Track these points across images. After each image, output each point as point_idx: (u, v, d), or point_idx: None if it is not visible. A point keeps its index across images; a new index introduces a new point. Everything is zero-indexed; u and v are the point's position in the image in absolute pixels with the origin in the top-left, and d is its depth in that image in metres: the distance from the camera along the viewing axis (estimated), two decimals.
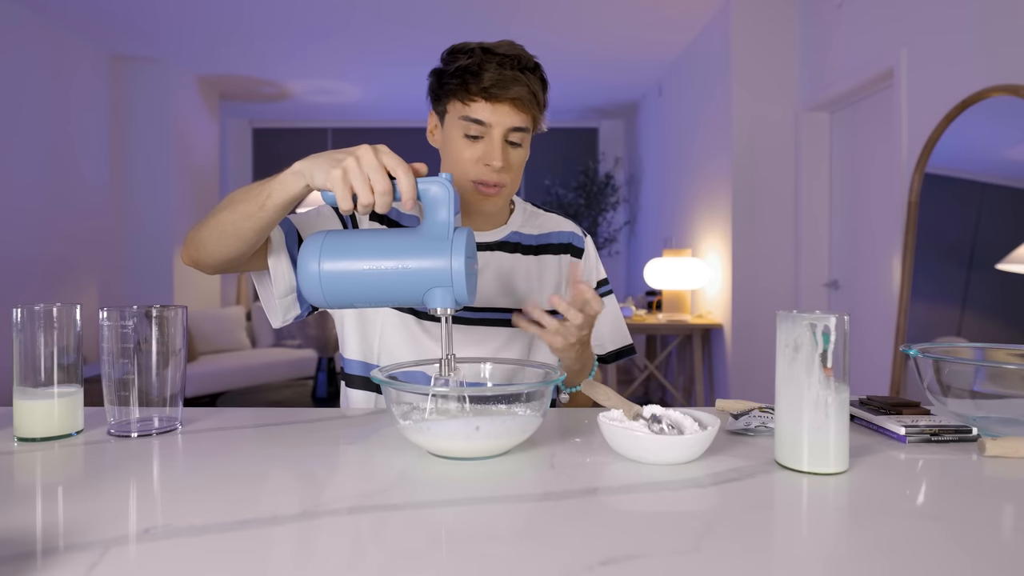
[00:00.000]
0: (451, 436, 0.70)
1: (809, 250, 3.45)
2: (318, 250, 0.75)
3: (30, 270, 3.90)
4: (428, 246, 0.74)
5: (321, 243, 0.76)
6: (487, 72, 0.94)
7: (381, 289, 0.75)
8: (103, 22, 4.09)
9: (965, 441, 0.77)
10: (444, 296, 0.75)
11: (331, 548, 0.48)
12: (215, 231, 0.86)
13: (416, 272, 0.74)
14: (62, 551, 0.48)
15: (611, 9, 3.81)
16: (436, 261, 0.74)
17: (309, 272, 0.75)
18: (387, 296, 0.76)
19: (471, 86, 0.94)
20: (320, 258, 0.75)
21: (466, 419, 0.73)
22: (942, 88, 2.31)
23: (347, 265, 0.75)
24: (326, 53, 4.61)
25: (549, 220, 1.15)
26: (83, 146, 4.36)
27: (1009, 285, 2.02)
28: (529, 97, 0.96)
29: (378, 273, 0.74)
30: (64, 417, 0.77)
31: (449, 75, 0.96)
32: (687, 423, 0.74)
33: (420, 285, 0.74)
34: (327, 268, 0.74)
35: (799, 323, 0.66)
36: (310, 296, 0.76)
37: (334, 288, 0.75)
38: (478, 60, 0.94)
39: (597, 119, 6.49)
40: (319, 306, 0.78)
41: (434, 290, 0.74)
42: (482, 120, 0.95)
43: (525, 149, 1.01)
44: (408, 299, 0.77)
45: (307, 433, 0.82)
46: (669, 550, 0.48)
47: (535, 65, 0.99)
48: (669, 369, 4.75)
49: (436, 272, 0.74)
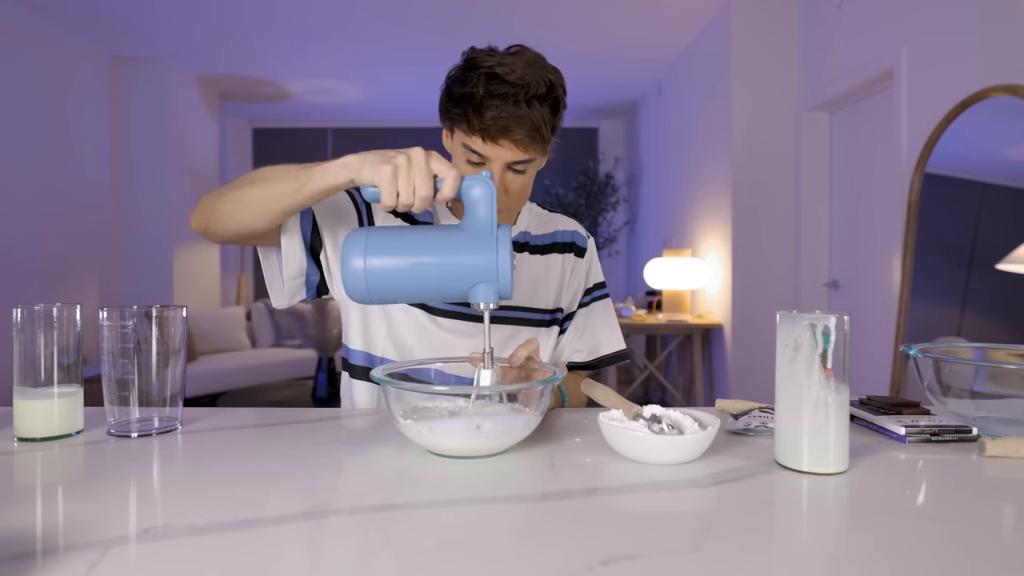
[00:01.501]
0: (452, 434, 0.70)
1: (809, 250, 3.45)
2: (363, 247, 0.75)
3: (30, 269, 3.90)
4: (473, 243, 0.75)
5: (366, 240, 0.76)
6: (489, 111, 0.89)
7: (426, 285, 0.76)
8: (103, 22, 4.08)
9: (965, 441, 0.77)
10: (488, 291, 0.75)
11: (331, 548, 0.48)
12: (239, 204, 0.85)
13: (462, 268, 0.75)
14: (62, 551, 0.48)
15: (611, 9, 3.81)
16: (482, 257, 0.75)
17: (354, 269, 0.75)
18: (431, 292, 0.77)
19: (472, 121, 0.91)
20: (366, 255, 0.75)
21: (467, 418, 0.73)
22: (942, 88, 2.31)
23: (393, 262, 0.75)
24: (326, 53, 4.61)
25: (555, 220, 1.15)
26: (83, 146, 4.36)
27: (1009, 285, 2.02)
28: (531, 136, 0.92)
29: (423, 269, 0.75)
30: (64, 417, 0.77)
31: (453, 102, 0.93)
32: (687, 423, 0.74)
33: (465, 280, 0.75)
34: (373, 264, 0.75)
35: (799, 323, 0.66)
36: (354, 293, 0.76)
37: (380, 284, 0.76)
38: (482, 92, 0.90)
39: (597, 119, 6.49)
40: (361, 302, 0.78)
41: (478, 285, 0.75)
42: (481, 154, 0.93)
43: (528, 175, 0.98)
44: (452, 294, 0.77)
45: (307, 433, 0.82)
46: (669, 550, 0.48)
47: (548, 90, 0.93)
48: (669, 369, 4.75)
49: (482, 268, 0.75)
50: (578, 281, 1.14)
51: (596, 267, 1.18)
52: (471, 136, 0.93)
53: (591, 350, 1.14)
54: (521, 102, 0.90)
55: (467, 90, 0.91)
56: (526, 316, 1.08)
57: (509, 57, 0.93)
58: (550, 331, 1.11)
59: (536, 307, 1.08)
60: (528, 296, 1.07)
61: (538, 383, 0.74)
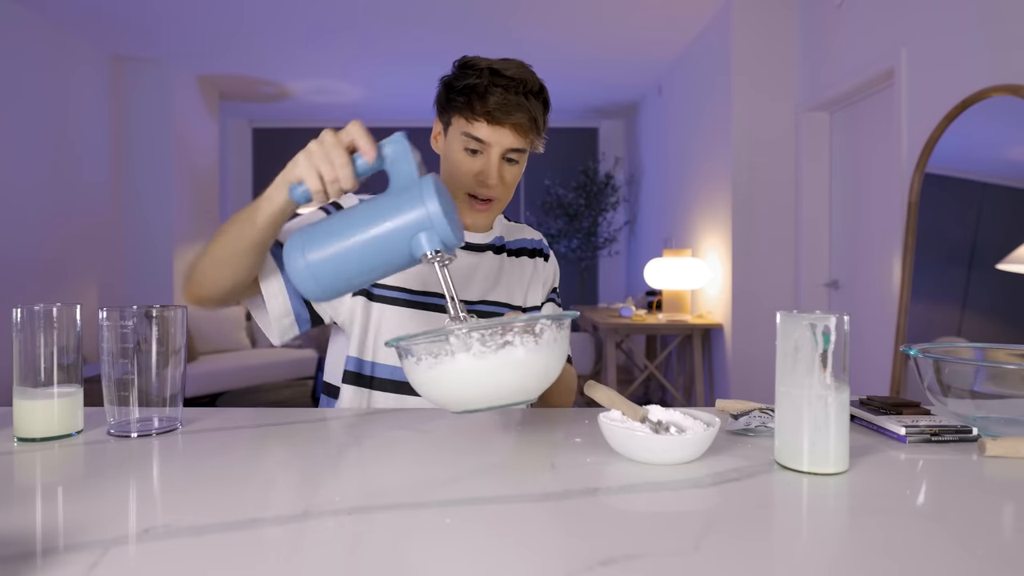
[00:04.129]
0: (484, 370, 0.67)
1: (809, 250, 3.45)
2: (300, 244, 0.75)
3: (30, 270, 3.90)
4: (399, 200, 0.75)
5: (300, 236, 0.76)
6: (492, 96, 0.98)
7: (370, 260, 0.75)
8: (103, 22, 4.08)
9: (965, 441, 0.77)
10: (430, 239, 0.74)
11: (331, 548, 0.48)
12: (213, 262, 0.88)
13: (396, 227, 0.74)
14: (62, 551, 0.48)
15: (611, 9, 3.81)
16: (411, 209, 0.74)
17: (297, 268, 0.74)
18: (377, 264, 0.76)
19: (476, 106, 0.99)
20: (304, 250, 0.74)
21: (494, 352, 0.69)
22: (942, 88, 2.31)
23: (332, 248, 0.74)
24: (326, 53, 4.61)
25: (521, 229, 1.25)
26: (83, 146, 4.36)
27: (1009, 285, 2.02)
28: (530, 123, 1.01)
29: (363, 244, 0.74)
30: (64, 417, 0.77)
31: (456, 91, 1.01)
32: (688, 423, 0.74)
33: (404, 239, 0.74)
34: (313, 257, 0.74)
35: (799, 323, 0.66)
36: (307, 292, 0.76)
37: (327, 275, 0.75)
38: (486, 82, 0.98)
39: (597, 119, 6.49)
40: (318, 299, 0.78)
41: (418, 236, 0.74)
42: (482, 139, 1.00)
43: (521, 166, 1.06)
44: (398, 260, 0.76)
45: (307, 433, 0.82)
46: (669, 550, 0.48)
47: (540, 89, 1.03)
48: (669, 369, 4.75)
49: (414, 220, 0.73)
50: (547, 279, 1.22)
51: (558, 272, 1.27)
52: (473, 122, 1.00)
53: None
54: (520, 94, 1.00)
55: (470, 81, 0.99)
56: (507, 312, 1.12)
57: (502, 61, 1.03)
58: None
59: (515, 303, 1.15)
60: (507, 293, 1.14)
61: (564, 314, 0.71)
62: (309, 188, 0.76)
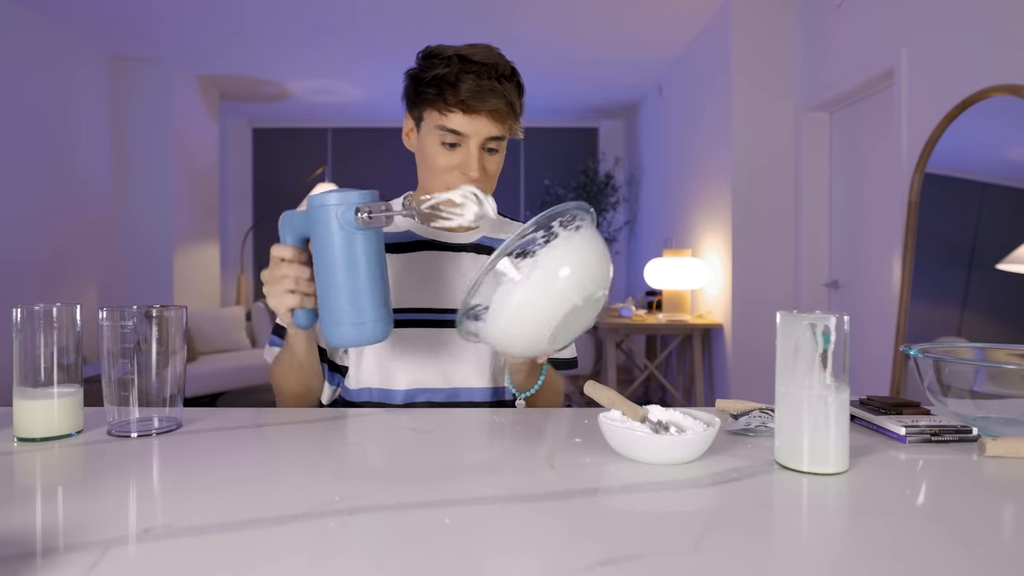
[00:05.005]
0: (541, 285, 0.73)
1: (809, 250, 3.45)
2: (334, 319, 0.82)
3: (30, 270, 3.90)
4: (316, 233, 0.81)
5: (324, 316, 0.83)
6: (464, 83, 0.93)
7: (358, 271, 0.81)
8: (103, 23, 4.09)
9: (965, 441, 0.77)
10: (344, 207, 0.79)
11: (331, 548, 0.48)
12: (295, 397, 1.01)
13: (330, 232, 0.80)
14: (62, 551, 0.48)
15: (611, 9, 3.81)
16: (317, 225, 0.81)
17: (351, 338, 0.82)
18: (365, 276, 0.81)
19: (448, 97, 0.94)
20: (341, 321, 0.81)
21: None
22: (942, 88, 2.31)
23: (343, 309, 0.81)
24: (326, 53, 4.61)
25: (510, 226, 1.17)
26: (83, 146, 4.36)
27: (1009, 285, 2.02)
28: (507, 108, 0.97)
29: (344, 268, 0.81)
30: (64, 417, 0.77)
31: (425, 83, 0.96)
32: (688, 423, 0.74)
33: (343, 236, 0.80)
34: (349, 322, 0.81)
35: (799, 323, 0.66)
36: (378, 334, 0.83)
37: (367, 319, 0.82)
38: (455, 70, 0.94)
39: (597, 119, 6.49)
40: (386, 337, 0.85)
41: (340, 216, 0.79)
42: (459, 131, 0.96)
43: (501, 154, 1.02)
44: (368, 254, 0.81)
45: (307, 433, 0.82)
46: (669, 550, 0.48)
47: (512, 72, 0.99)
48: (669, 369, 4.75)
49: (325, 215, 0.80)
50: None
51: None
52: (448, 114, 0.96)
53: None
54: (492, 78, 0.95)
55: (439, 71, 0.95)
56: None
57: (468, 47, 0.98)
58: None
59: None
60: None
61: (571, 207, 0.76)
62: (294, 305, 0.84)
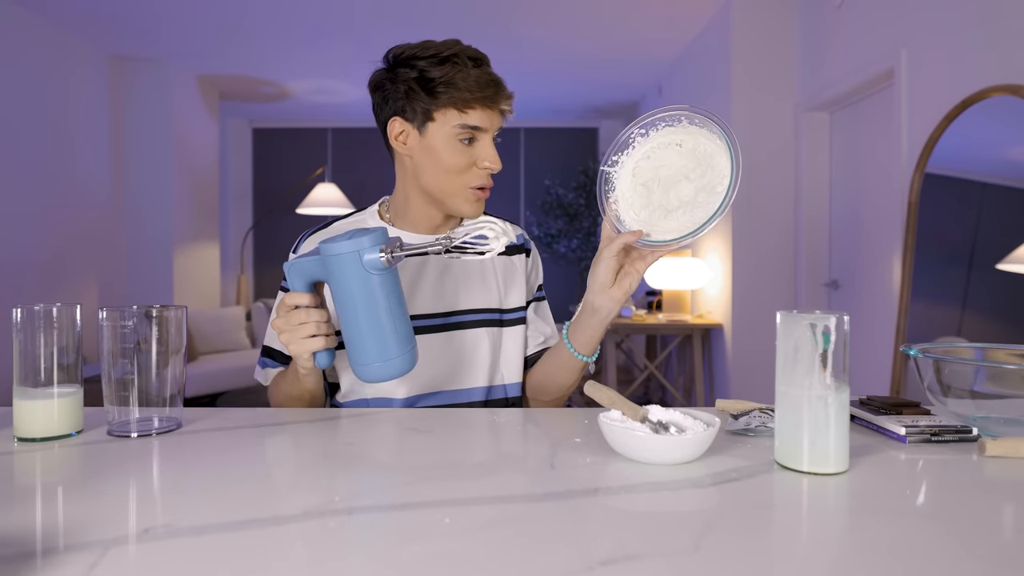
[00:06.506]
0: None
1: (809, 250, 3.45)
2: (359, 360, 0.83)
3: (30, 270, 3.90)
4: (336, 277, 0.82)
5: (352, 358, 0.84)
6: (480, 79, 0.95)
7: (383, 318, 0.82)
8: (103, 23, 4.08)
9: (965, 441, 0.77)
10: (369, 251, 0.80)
11: (331, 548, 0.48)
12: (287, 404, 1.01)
13: (358, 292, 0.81)
14: (62, 551, 0.48)
15: (611, 9, 3.81)
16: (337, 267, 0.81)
17: (381, 374, 0.83)
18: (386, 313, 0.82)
19: (468, 94, 0.95)
20: (366, 360, 0.83)
21: None
22: (942, 88, 2.31)
23: (369, 345, 0.82)
24: (326, 53, 4.61)
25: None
26: (83, 146, 4.36)
27: (1009, 285, 2.02)
28: (509, 96, 1.00)
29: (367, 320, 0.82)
30: (64, 417, 0.77)
31: (439, 83, 0.95)
32: (688, 423, 0.74)
33: (363, 276, 0.80)
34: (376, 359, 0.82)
35: (799, 323, 0.66)
36: (404, 367, 0.84)
37: (392, 354, 0.83)
38: (467, 67, 0.95)
39: (597, 119, 6.48)
40: (412, 366, 0.85)
41: (365, 260, 0.80)
42: (479, 126, 0.97)
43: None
44: (388, 294, 0.82)
45: (307, 433, 0.82)
46: (669, 550, 0.48)
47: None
48: (669, 369, 4.75)
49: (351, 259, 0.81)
50: (530, 276, 1.17)
51: (541, 268, 1.22)
52: (467, 111, 0.96)
53: (546, 338, 1.16)
54: (490, 68, 0.98)
55: (449, 70, 0.95)
56: (492, 317, 1.08)
57: (447, 43, 0.98)
58: (515, 329, 1.11)
59: (491, 307, 1.09)
60: (482, 298, 1.08)
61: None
62: (320, 348, 0.85)
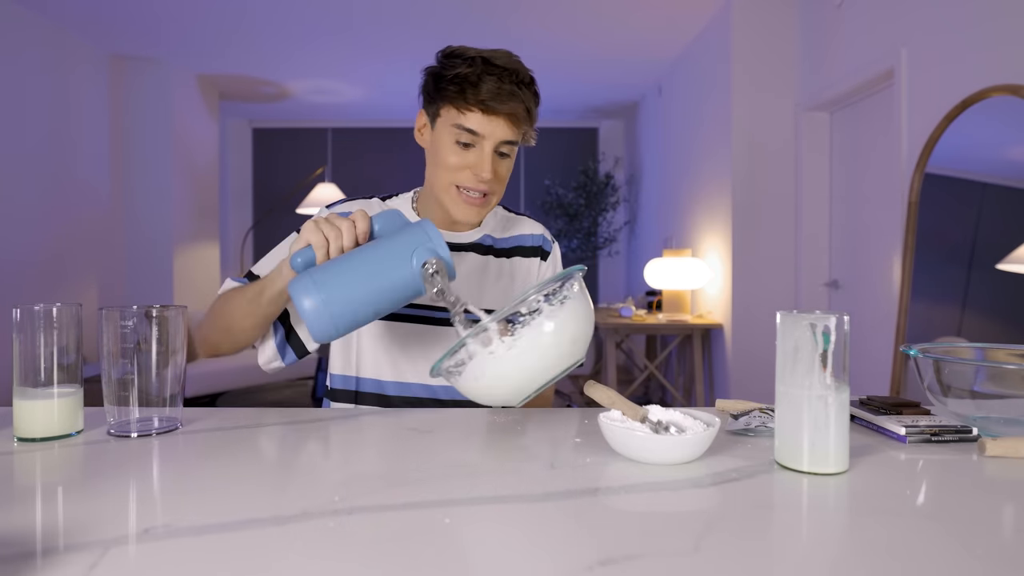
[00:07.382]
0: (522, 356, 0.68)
1: (809, 250, 3.44)
2: (311, 285, 0.76)
3: (30, 270, 3.90)
4: (396, 234, 0.80)
5: (309, 279, 0.77)
6: (485, 84, 0.94)
7: (378, 285, 0.77)
8: (103, 22, 4.08)
9: (965, 441, 0.77)
10: (421, 253, 0.78)
11: (331, 548, 0.48)
12: (221, 332, 0.95)
13: (396, 248, 0.78)
14: (62, 551, 0.48)
15: (611, 9, 3.81)
16: (409, 233, 0.79)
17: (312, 308, 0.75)
18: (383, 293, 0.77)
19: (468, 96, 0.95)
20: (318, 290, 0.75)
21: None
22: (942, 88, 2.31)
23: (345, 282, 0.76)
24: (326, 53, 4.61)
25: (519, 223, 1.16)
26: (83, 145, 4.36)
27: (1009, 285, 2.02)
28: (524, 113, 0.98)
29: (371, 272, 0.77)
30: (64, 417, 0.77)
31: (447, 80, 0.96)
32: (688, 423, 0.74)
33: (404, 257, 0.77)
34: (330, 295, 0.75)
35: (799, 323, 0.66)
36: (321, 334, 0.77)
37: (342, 313, 0.76)
38: (478, 71, 0.95)
39: (597, 119, 6.48)
40: (330, 338, 0.79)
41: (416, 253, 0.77)
42: (475, 131, 0.96)
43: (512, 159, 1.03)
44: (402, 284, 0.78)
45: (307, 433, 0.82)
46: (669, 550, 0.48)
47: (531, 80, 1.00)
48: (669, 369, 4.75)
49: (412, 238, 0.78)
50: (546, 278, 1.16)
51: (560, 268, 1.18)
52: (466, 112, 0.96)
53: None
54: (513, 83, 0.96)
55: (461, 70, 0.95)
56: None
57: (490, 51, 0.99)
58: None
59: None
60: (497, 300, 1.08)
61: (565, 273, 0.75)
62: (313, 243, 0.80)
